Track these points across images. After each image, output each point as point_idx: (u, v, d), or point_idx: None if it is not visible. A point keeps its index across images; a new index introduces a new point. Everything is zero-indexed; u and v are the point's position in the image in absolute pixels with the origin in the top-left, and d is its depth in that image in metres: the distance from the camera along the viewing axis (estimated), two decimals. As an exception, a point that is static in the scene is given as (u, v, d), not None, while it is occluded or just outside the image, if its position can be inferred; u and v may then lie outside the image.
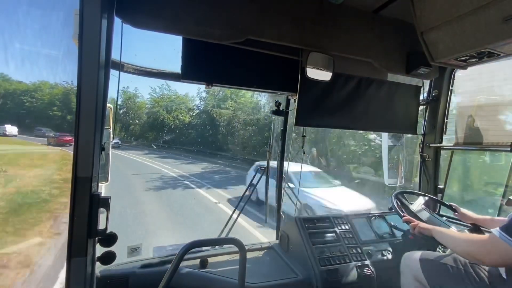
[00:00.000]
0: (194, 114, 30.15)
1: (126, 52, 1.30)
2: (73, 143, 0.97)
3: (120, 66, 1.31)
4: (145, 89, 59.76)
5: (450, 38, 1.28)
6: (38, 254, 4.11)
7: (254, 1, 1.39)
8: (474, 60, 1.35)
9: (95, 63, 0.95)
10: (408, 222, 1.44)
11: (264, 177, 2.13)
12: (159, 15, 1.24)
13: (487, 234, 1.07)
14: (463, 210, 1.64)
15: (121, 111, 36.48)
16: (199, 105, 30.29)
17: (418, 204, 1.74)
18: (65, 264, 0.98)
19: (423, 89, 2.11)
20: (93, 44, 0.95)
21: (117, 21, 1.16)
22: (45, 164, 13.09)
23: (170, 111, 30.29)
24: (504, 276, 1.10)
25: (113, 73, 1.23)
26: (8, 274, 3.42)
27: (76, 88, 0.96)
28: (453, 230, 1.49)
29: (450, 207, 1.73)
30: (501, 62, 1.55)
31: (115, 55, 1.20)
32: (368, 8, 1.60)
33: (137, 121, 35.07)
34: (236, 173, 14.30)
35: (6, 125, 26.39)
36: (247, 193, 2.16)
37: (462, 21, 1.21)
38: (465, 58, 1.34)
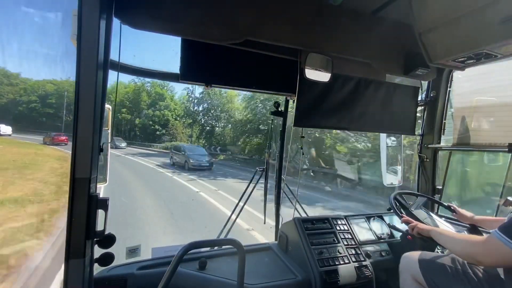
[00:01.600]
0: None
1: (124, 53, 1.30)
2: (68, 143, 0.96)
3: (118, 67, 1.31)
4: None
5: (448, 39, 1.29)
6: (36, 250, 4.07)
7: (252, 2, 1.39)
8: (472, 61, 1.36)
9: (93, 64, 0.95)
10: (407, 222, 1.44)
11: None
12: (158, 16, 1.23)
13: (485, 235, 1.08)
14: (462, 210, 1.65)
15: (200, 108, 27.55)
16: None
17: (416, 204, 1.75)
18: (63, 265, 0.97)
19: (421, 90, 2.12)
20: (92, 44, 0.94)
21: (115, 21, 1.16)
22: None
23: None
24: (502, 276, 1.11)
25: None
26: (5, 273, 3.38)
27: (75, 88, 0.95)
28: (451, 230, 1.49)
29: (448, 207, 1.73)
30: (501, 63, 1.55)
31: (113, 56, 1.20)
32: (367, 9, 1.60)
33: (223, 124, 24.87)
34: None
35: (0, 125, 26.22)
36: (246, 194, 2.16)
37: (460, 22, 1.21)
38: (462, 59, 1.35)
